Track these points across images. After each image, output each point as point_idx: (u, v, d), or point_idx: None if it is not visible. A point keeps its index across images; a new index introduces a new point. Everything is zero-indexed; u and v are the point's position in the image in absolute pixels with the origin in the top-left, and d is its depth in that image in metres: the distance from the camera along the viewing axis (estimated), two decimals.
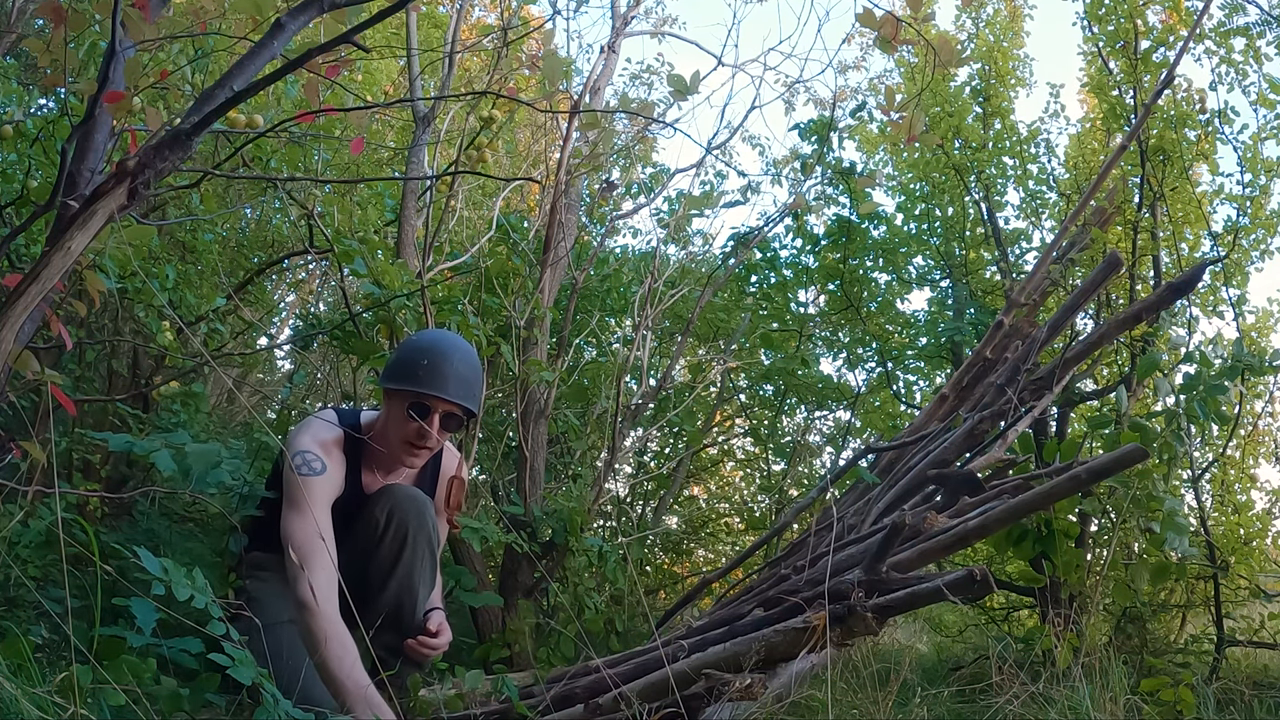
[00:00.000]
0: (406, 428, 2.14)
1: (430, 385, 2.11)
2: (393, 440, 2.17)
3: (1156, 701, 2.24)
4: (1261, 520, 3.53)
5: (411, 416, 2.13)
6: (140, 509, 2.94)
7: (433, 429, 2.13)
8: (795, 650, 1.74)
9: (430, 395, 2.12)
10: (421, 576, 2.18)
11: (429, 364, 2.12)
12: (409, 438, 2.15)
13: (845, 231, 4.76)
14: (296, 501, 1.99)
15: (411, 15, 3.91)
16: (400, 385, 2.12)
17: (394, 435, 2.16)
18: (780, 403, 5.30)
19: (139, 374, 3.60)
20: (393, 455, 2.19)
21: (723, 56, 4.00)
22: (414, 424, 2.13)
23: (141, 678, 1.55)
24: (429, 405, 2.13)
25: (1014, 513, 1.98)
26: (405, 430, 2.14)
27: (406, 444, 2.16)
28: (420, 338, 2.26)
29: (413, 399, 2.13)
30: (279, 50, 1.64)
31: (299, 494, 1.98)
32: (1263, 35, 3.54)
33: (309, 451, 2.07)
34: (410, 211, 3.60)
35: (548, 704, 1.87)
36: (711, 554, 5.34)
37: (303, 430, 2.16)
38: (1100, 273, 3.03)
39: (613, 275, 4.71)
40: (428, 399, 2.13)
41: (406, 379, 2.12)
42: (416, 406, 2.13)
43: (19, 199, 2.33)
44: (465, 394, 2.16)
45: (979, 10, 4.68)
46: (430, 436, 2.14)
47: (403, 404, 2.14)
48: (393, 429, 2.16)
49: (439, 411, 2.14)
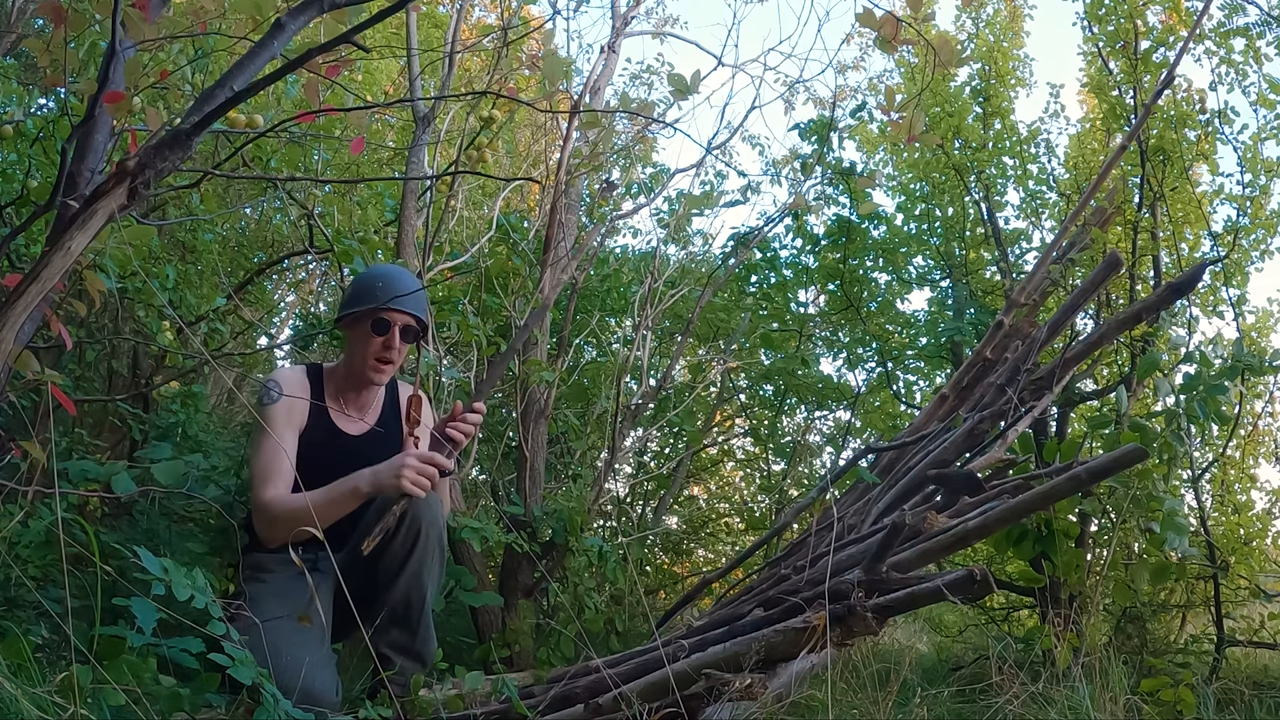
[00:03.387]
0: (371, 344, 2.31)
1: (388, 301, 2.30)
2: (358, 363, 2.34)
3: (1156, 701, 2.25)
4: (1261, 520, 3.53)
5: (375, 333, 2.29)
6: (140, 509, 2.94)
7: (395, 339, 2.31)
8: (795, 650, 1.74)
9: (389, 309, 2.30)
10: (431, 574, 2.19)
11: (383, 285, 2.31)
12: (374, 353, 2.32)
13: (845, 231, 4.76)
14: (258, 431, 2.19)
15: (411, 15, 3.90)
16: (360, 306, 2.29)
17: (359, 357, 2.33)
18: (780, 403, 5.30)
19: (139, 374, 3.60)
20: (360, 379, 2.35)
21: (723, 56, 4.01)
22: (378, 338, 2.30)
23: (141, 678, 1.55)
24: (388, 319, 2.30)
25: (1014, 513, 1.98)
26: (370, 347, 2.31)
27: (373, 360, 2.32)
28: (365, 272, 2.48)
29: (374, 315, 2.29)
30: (279, 50, 1.64)
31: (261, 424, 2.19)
32: (1263, 35, 3.54)
33: (268, 381, 2.30)
34: (410, 211, 3.60)
35: (548, 704, 1.87)
36: (711, 554, 5.34)
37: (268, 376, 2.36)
38: (1100, 273, 3.03)
39: (613, 275, 4.71)
40: (386, 313, 2.30)
41: (365, 300, 2.30)
42: (378, 322, 2.30)
43: (19, 199, 2.33)
44: (418, 305, 2.36)
45: (979, 10, 4.67)
46: (394, 347, 2.31)
47: (363, 324, 2.31)
48: (357, 352, 2.33)
49: (398, 325, 2.32)
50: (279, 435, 2.18)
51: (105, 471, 2.39)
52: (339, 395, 2.39)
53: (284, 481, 2.11)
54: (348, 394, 2.39)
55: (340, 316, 2.37)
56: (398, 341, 2.31)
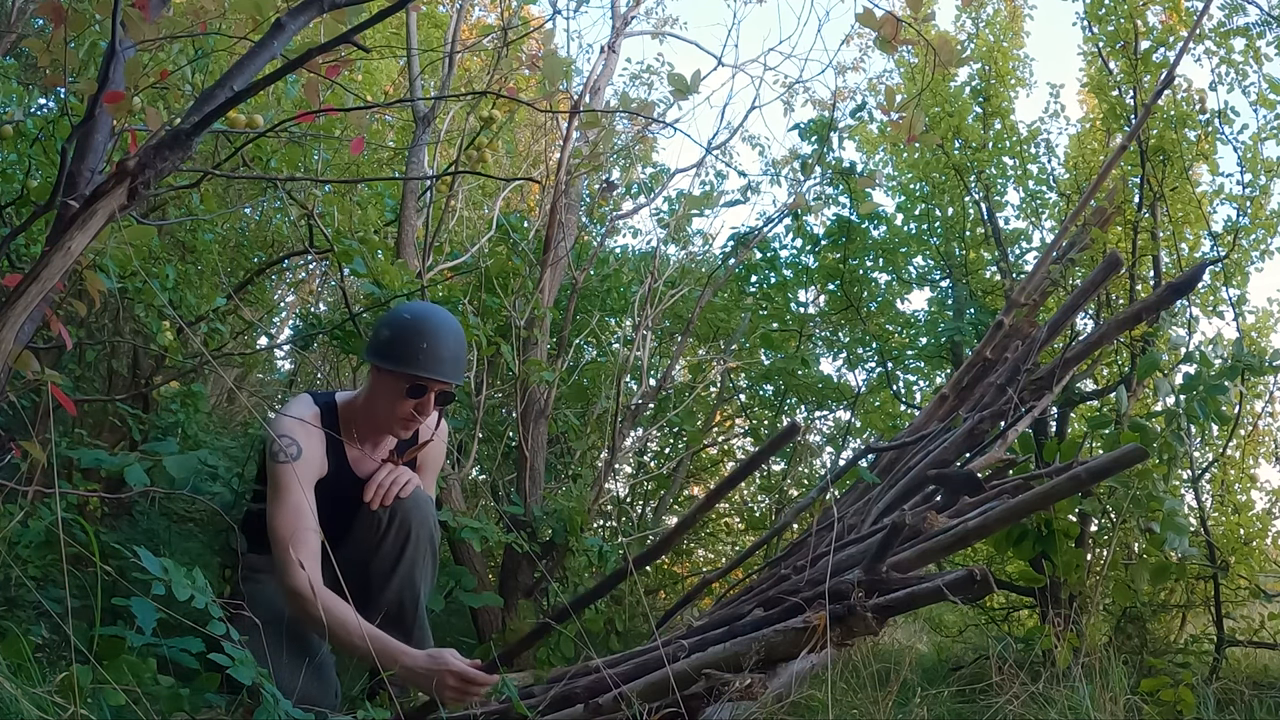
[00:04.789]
0: (403, 406, 2.20)
1: (430, 369, 2.18)
2: (384, 416, 2.23)
3: (1156, 701, 2.25)
4: (1261, 520, 3.53)
5: (410, 397, 2.19)
6: (140, 509, 2.94)
7: (429, 406, 2.21)
8: (795, 650, 1.74)
9: (430, 379, 2.18)
10: (423, 575, 2.19)
11: (428, 348, 2.17)
12: (404, 415, 2.22)
13: (845, 231, 4.76)
14: (277, 490, 2.04)
15: (411, 15, 3.90)
16: (399, 368, 2.17)
17: (386, 412, 2.23)
18: (780, 403, 5.30)
19: (139, 374, 3.60)
20: (382, 429, 2.26)
21: (723, 56, 4.01)
22: (412, 401, 2.20)
23: (141, 678, 1.55)
24: (425, 386, 2.20)
25: (1014, 513, 1.98)
26: (401, 408, 2.21)
27: (401, 420, 2.23)
28: (413, 316, 2.27)
29: (412, 381, 2.18)
30: (279, 50, 1.64)
31: (279, 482, 2.03)
32: (1263, 35, 3.53)
33: (284, 437, 2.11)
34: (410, 211, 3.60)
35: (548, 704, 1.87)
36: (711, 554, 5.34)
37: (279, 417, 2.21)
38: (1100, 273, 3.03)
39: (613, 275, 4.71)
40: (426, 381, 2.18)
41: (406, 362, 2.17)
42: (415, 388, 2.19)
43: (19, 199, 2.33)
44: (457, 373, 2.26)
45: (979, 10, 4.67)
46: (426, 414, 2.22)
47: (399, 384, 2.19)
48: (385, 405, 2.22)
49: (434, 390, 2.22)
50: (300, 494, 2.02)
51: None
52: (357, 435, 2.28)
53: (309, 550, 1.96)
54: (367, 434, 2.29)
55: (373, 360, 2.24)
56: (431, 408, 2.23)
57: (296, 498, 2.01)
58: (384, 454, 2.33)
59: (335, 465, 2.23)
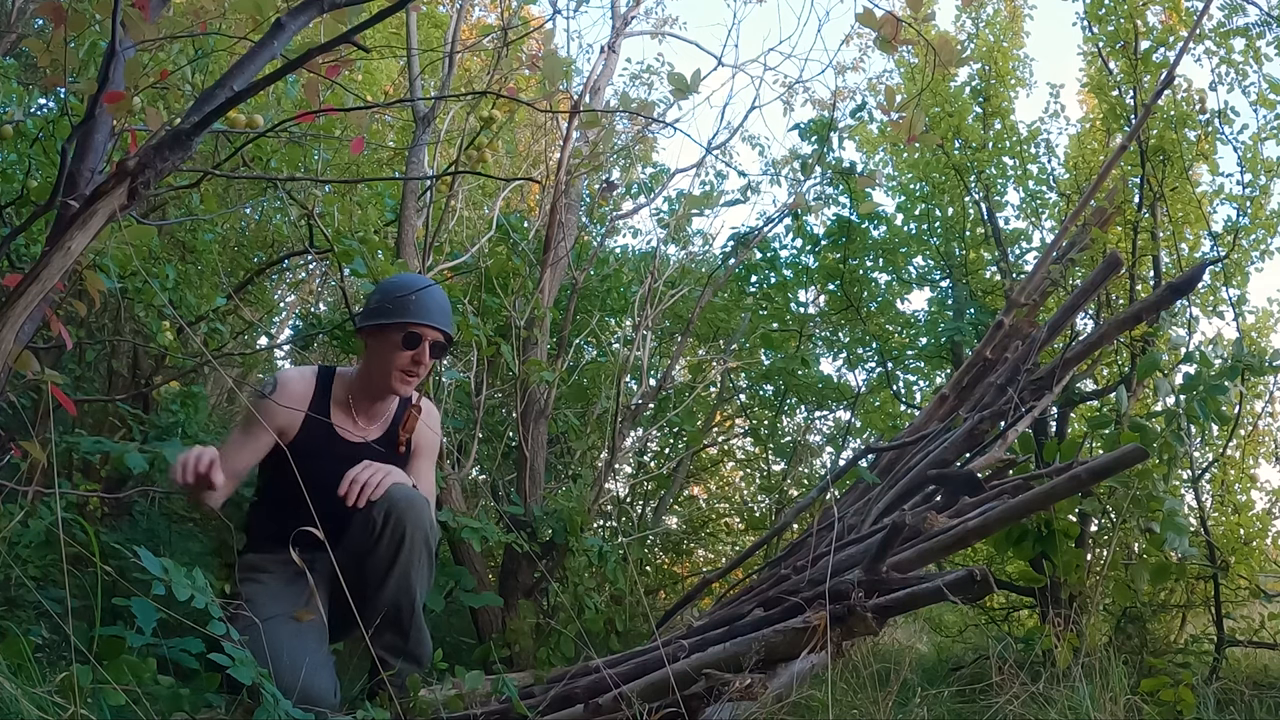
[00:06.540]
0: (400, 357, 2.29)
1: (422, 315, 2.29)
2: (380, 374, 2.31)
3: (1156, 701, 2.24)
4: (1261, 520, 3.53)
5: (406, 347, 2.28)
6: (140, 509, 2.94)
7: (425, 355, 2.30)
8: (795, 650, 1.74)
9: (423, 324, 2.29)
10: (419, 577, 2.18)
11: (417, 299, 2.29)
12: (403, 366, 2.29)
13: (845, 231, 4.76)
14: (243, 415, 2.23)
15: (411, 15, 3.90)
16: (393, 319, 2.28)
17: (383, 369, 2.30)
18: (780, 403, 5.30)
19: (139, 374, 3.60)
20: (381, 389, 2.33)
21: (723, 56, 4.02)
22: (408, 352, 2.28)
23: (141, 678, 1.55)
24: (420, 334, 2.29)
25: (1014, 513, 1.98)
26: (399, 360, 2.29)
27: (400, 373, 2.30)
28: (394, 279, 2.43)
29: (407, 329, 2.28)
30: (279, 50, 1.64)
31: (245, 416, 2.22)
32: (1263, 35, 3.54)
33: (274, 375, 2.32)
34: (410, 211, 3.60)
35: (548, 704, 1.87)
36: (711, 554, 5.34)
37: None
38: (1100, 273, 3.03)
39: (613, 275, 4.71)
40: (418, 327, 2.28)
41: (398, 313, 2.28)
42: (410, 336, 2.28)
43: (19, 199, 2.33)
44: (448, 322, 2.36)
45: (979, 10, 4.67)
46: (423, 362, 2.30)
47: (395, 336, 2.29)
48: (382, 363, 2.30)
49: (429, 339, 2.31)
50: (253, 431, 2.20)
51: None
52: (351, 402, 2.35)
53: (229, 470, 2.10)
54: (361, 402, 2.35)
55: (365, 325, 2.34)
56: (428, 356, 2.30)
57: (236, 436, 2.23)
58: (381, 428, 2.39)
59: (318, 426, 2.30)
